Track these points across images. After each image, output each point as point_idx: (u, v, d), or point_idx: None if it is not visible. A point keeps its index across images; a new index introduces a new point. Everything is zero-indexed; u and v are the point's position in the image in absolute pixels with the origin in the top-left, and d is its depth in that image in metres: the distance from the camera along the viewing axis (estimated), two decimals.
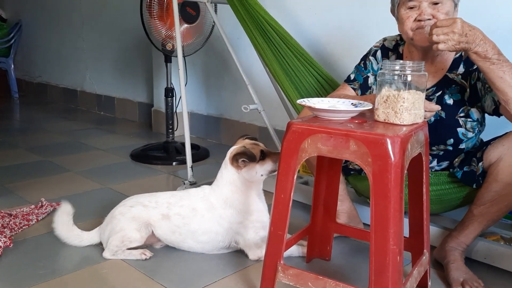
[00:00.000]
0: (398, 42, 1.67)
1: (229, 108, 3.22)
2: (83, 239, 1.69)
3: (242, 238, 1.61)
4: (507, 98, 1.34)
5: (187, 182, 2.25)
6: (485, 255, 1.57)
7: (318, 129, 1.17)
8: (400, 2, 1.50)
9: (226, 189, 1.60)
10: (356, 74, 1.70)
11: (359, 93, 1.68)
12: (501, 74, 1.31)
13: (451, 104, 1.55)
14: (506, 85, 1.32)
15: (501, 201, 1.44)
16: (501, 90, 1.34)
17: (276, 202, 1.25)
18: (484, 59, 1.31)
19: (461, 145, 1.57)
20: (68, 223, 1.68)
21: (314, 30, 2.57)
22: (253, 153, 1.55)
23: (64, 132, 3.65)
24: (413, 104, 1.18)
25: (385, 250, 1.08)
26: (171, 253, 1.66)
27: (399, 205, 1.09)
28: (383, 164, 1.08)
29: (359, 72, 1.70)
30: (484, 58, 1.31)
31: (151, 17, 2.62)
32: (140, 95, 4.06)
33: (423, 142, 1.26)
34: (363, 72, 1.69)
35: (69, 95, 4.92)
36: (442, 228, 1.68)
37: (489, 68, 1.32)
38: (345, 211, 1.75)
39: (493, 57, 1.31)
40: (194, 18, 2.72)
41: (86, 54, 4.63)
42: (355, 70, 1.72)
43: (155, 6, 2.60)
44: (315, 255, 1.62)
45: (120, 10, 4.07)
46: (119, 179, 2.49)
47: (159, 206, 1.64)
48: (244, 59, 2.77)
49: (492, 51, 1.30)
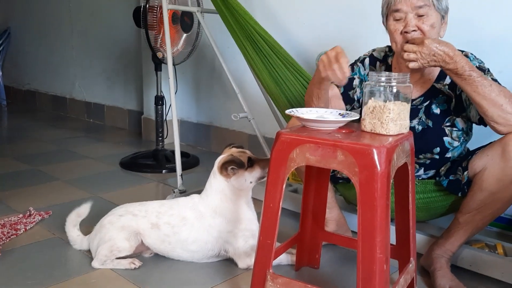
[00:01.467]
0: (387, 53, 1.70)
1: (219, 116, 3.24)
2: (76, 242, 1.72)
3: (231, 247, 1.61)
4: (483, 110, 1.39)
5: (177, 191, 2.25)
6: (471, 263, 1.59)
7: (306, 139, 1.19)
8: (387, 14, 1.53)
9: (215, 198, 1.61)
10: None
11: (341, 90, 1.69)
12: (475, 88, 1.36)
13: (438, 113, 1.59)
14: (481, 98, 1.36)
15: (486, 209, 1.47)
16: (477, 103, 1.38)
17: (265, 211, 1.26)
18: (457, 75, 1.36)
19: (447, 154, 1.60)
20: (74, 223, 1.73)
21: (303, 40, 2.60)
22: (241, 160, 1.57)
23: (52, 140, 3.63)
24: (398, 115, 1.20)
25: (372, 258, 1.10)
26: (160, 262, 1.66)
27: (385, 214, 1.11)
28: (370, 173, 1.10)
29: None
30: (457, 74, 1.36)
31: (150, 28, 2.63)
32: (130, 103, 4.05)
33: (408, 152, 1.28)
34: (350, 73, 1.71)
35: (58, 103, 4.90)
36: (428, 235, 1.70)
37: (463, 83, 1.37)
38: (334, 218, 1.77)
39: (466, 73, 1.35)
40: (190, 27, 2.73)
41: (75, 61, 4.62)
42: None
43: (153, 15, 2.61)
44: (304, 264, 1.63)
45: (110, 18, 4.08)
46: (109, 187, 2.48)
47: (149, 215, 1.64)
48: (234, 68, 2.79)
49: (465, 67, 1.34)
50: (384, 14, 1.56)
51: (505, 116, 1.37)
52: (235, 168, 1.56)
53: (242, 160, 1.57)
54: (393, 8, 1.48)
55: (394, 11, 1.49)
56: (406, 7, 1.46)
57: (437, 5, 1.47)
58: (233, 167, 1.56)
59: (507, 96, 1.37)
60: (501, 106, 1.36)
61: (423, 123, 1.60)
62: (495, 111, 1.37)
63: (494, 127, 1.41)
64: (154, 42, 2.67)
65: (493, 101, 1.36)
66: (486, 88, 1.35)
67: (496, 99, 1.35)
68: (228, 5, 2.20)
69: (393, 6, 1.48)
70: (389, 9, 1.50)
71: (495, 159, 1.43)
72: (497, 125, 1.39)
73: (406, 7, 1.46)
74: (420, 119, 1.60)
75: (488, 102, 1.36)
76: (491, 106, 1.36)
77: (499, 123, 1.38)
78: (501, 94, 1.36)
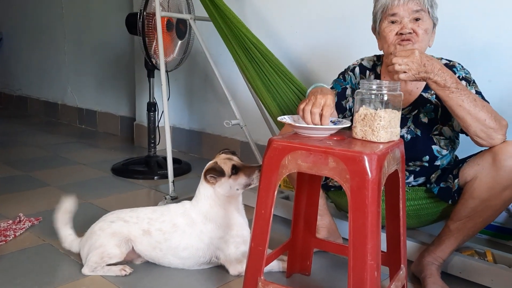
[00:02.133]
0: (375, 62, 1.72)
1: (212, 123, 3.24)
2: (66, 240, 1.70)
3: (222, 253, 1.61)
4: (467, 124, 1.40)
5: (168, 197, 2.24)
6: (461, 270, 1.61)
7: (298, 146, 1.19)
8: (382, 18, 1.55)
9: (205, 204, 1.61)
10: (335, 84, 1.74)
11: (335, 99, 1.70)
12: (460, 102, 1.37)
13: (426, 122, 1.60)
14: (465, 112, 1.38)
15: (477, 216, 1.48)
16: (461, 117, 1.40)
17: (256, 218, 1.26)
18: (443, 88, 1.37)
19: (436, 162, 1.62)
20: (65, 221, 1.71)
21: (295, 48, 2.62)
22: (222, 168, 1.57)
23: (44, 146, 3.61)
24: (389, 123, 1.21)
25: (363, 265, 1.11)
26: (151, 269, 1.66)
27: (376, 220, 1.11)
28: (361, 180, 1.10)
29: (338, 83, 1.73)
30: (443, 87, 1.37)
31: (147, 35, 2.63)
32: (122, 109, 4.04)
33: (399, 159, 1.29)
34: (342, 83, 1.73)
35: (50, 109, 4.88)
36: (419, 242, 1.71)
37: (448, 97, 1.38)
38: (325, 225, 1.77)
39: (452, 85, 1.36)
40: (184, 34, 2.74)
41: (67, 67, 4.61)
42: (334, 82, 1.76)
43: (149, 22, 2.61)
44: (295, 270, 1.63)
45: (103, 24, 4.08)
46: (100, 193, 2.47)
47: (140, 221, 1.63)
48: (227, 75, 2.80)
49: (451, 80, 1.36)
50: (378, 19, 1.57)
51: (486, 130, 1.39)
52: (215, 176, 1.57)
53: (224, 168, 1.57)
54: (390, 12, 1.50)
55: (390, 15, 1.51)
56: (403, 11, 1.48)
57: (431, 12, 1.51)
58: (212, 175, 1.57)
59: (489, 111, 1.40)
60: (484, 121, 1.38)
61: (412, 132, 1.61)
62: (478, 126, 1.39)
63: (476, 141, 1.44)
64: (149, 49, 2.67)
65: (477, 116, 1.38)
66: (471, 103, 1.37)
67: (479, 115, 1.38)
68: (221, 13, 2.21)
69: (390, 10, 1.50)
70: (385, 13, 1.52)
71: (486, 168, 1.45)
72: (479, 139, 1.42)
73: (403, 12, 1.49)
74: (409, 128, 1.62)
75: (472, 117, 1.38)
76: (475, 121, 1.39)
77: (481, 137, 1.41)
78: (484, 110, 1.38)
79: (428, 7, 1.49)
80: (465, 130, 1.44)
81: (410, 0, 1.47)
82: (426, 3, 1.49)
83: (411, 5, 1.48)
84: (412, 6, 1.48)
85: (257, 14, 2.76)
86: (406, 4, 1.48)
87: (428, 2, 1.49)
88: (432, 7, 1.50)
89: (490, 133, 1.40)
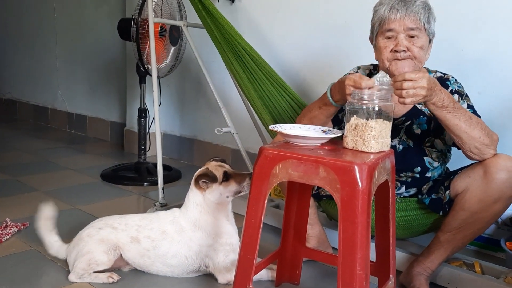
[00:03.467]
0: (371, 71, 1.73)
1: (203, 130, 3.23)
2: (52, 247, 1.68)
3: (211, 262, 1.60)
4: (462, 141, 1.43)
5: (158, 204, 2.23)
6: (449, 280, 1.61)
7: (289, 155, 1.20)
8: (378, 31, 1.55)
9: (194, 211, 1.60)
10: None
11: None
12: (457, 121, 1.39)
13: (419, 134, 1.62)
14: (462, 131, 1.41)
15: (467, 228, 1.50)
16: (457, 135, 1.42)
17: (246, 226, 1.26)
18: (441, 108, 1.38)
19: (427, 173, 1.63)
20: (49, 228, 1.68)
21: (287, 57, 2.63)
22: (214, 174, 1.57)
23: (33, 150, 3.57)
24: (380, 133, 1.22)
25: (352, 275, 1.11)
26: (139, 276, 1.64)
27: (366, 231, 1.12)
28: (351, 190, 1.11)
29: None
30: (441, 108, 1.38)
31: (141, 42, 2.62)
32: (112, 115, 4.02)
33: (389, 170, 1.30)
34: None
35: (40, 113, 4.83)
36: (408, 253, 1.72)
37: (445, 117, 1.40)
38: (315, 235, 1.77)
39: (449, 105, 1.38)
40: (177, 40, 2.73)
41: (58, 71, 4.58)
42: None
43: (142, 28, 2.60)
44: (284, 279, 1.62)
45: (95, 29, 4.07)
46: (89, 199, 2.45)
47: (129, 228, 1.62)
48: (219, 82, 2.80)
49: (448, 100, 1.37)
50: (375, 31, 1.57)
51: (480, 147, 1.42)
52: (207, 181, 1.56)
53: (216, 174, 1.57)
54: (386, 27, 1.51)
55: (386, 30, 1.51)
56: (399, 27, 1.49)
57: (428, 28, 1.50)
58: (205, 180, 1.56)
59: (483, 128, 1.42)
60: (479, 138, 1.41)
61: (404, 142, 1.62)
62: (473, 143, 1.42)
63: (469, 156, 1.47)
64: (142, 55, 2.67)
65: (472, 134, 1.41)
66: (467, 122, 1.40)
67: (474, 133, 1.41)
68: (214, 20, 2.22)
69: (386, 25, 1.51)
70: (382, 27, 1.53)
71: (477, 180, 1.46)
72: (472, 154, 1.45)
73: (398, 27, 1.49)
74: (401, 139, 1.63)
75: (467, 135, 1.41)
76: (470, 139, 1.41)
77: (474, 153, 1.44)
78: (478, 127, 1.41)
79: (424, 23, 1.49)
80: (459, 146, 1.46)
81: (407, 16, 1.47)
82: (422, 19, 1.48)
83: (407, 21, 1.47)
84: (408, 23, 1.48)
85: (250, 22, 2.77)
86: (403, 19, 1.48)
87: (424, 18, 1.49)
88: (428, 23, 1.50)
89: (483, 149, 1.43)
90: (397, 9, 1.48)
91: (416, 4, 1.48)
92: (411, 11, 1.47)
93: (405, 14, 1.47)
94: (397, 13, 1.48)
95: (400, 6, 1.48)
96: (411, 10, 1.47)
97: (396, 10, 1.48)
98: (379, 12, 1.52)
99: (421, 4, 1.49)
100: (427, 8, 1.50)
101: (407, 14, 1.47)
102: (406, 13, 1.47)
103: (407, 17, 1.47)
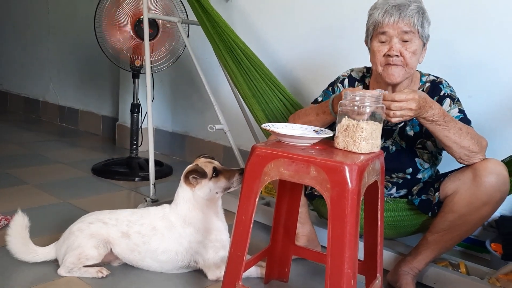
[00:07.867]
0: (365, 73, 1.74)
1: (195, 126, 3.24)
2: (37, 254, 1.64)
3: (201, 258, 1.61)
4: (452, 151, 1.48)
5: (149, 199, 2.23)
6: (435, 280, 1.64)
7: (280, 154, 1.21)
8: (373, 35, 1.56)
9: (184, 207, 1.61)
10: (323, 97, 1.75)
11: None
12: (447, 133, 1.43)
13: (412, 135, 1.64)
14: (452, 141, 1.45)
15: (455, 230, 1.52)
16: (447, 145, 1.46)
17: (237, 224, 1.27)
18: (431, 122, 1.41)
19: (418, 175, 1.65)
20: (23, 236, 1.63)
21: (281, 56, 2.64)
22: (204, 169, 1.58)
23: (23, 143, 3.55)
24: (370, 134, 1.23)
25: (340, 273, 1.12)
26: (129, 271, 1.64)
27: (355, 230, 1.13)
28: (341, 190, 1.12)
29: (326, 96, 1.75)
30: (431, 122, 1.41)
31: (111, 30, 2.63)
32: (105, 109, 4.01)
33: (379, 171, 1.32)
34: (330, 96, 1.75)
35: (31, 105, 4.80)
36: (396, 253, 1.74)
37: (435, 129, 1.43)
38: (305, 234, 1.79)
39: (439, 119, 1.41)
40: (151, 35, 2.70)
41: (50, 63, 4.55)
42: (322, 94, 1.77)
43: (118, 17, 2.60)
44: (273, 277, 1.64)
45: (88, 22, 4.03)
46: (79, 194, 2.44)
47: (119, 223, 1.62)
48: (212, 79, 2.81)
49: (438, 114, 1.40)
50: (369, 34, 1.58)
51: (469, 154, 1.47)
52: (197, 177, 1.57)
53: (206, 170, 1.58)
54: (380, 30, 1.51)
55: (380, 33, 1.52)
56: (393, 30, 1.49)
57: (421, 32, 1.51)
58: (195, 176, 1.57)
59: (473, 137, 1.46)
60: (468, 147, 1.45)
61: (397, 144, 1.64)
62: (462, 152, 1.46)
63: (458, 161, 1.51)
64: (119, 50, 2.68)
65: (462, 144, 1.45)
66: (457, 133, 1.43)
67: (463, 142, 1.44)
68: (209, 17, 2.22)
69: (380, 28, 1.51)
70: (376, 31, 1.53)
71: (466, 183, 1.49)
72: (461, 160, 1.50)
73: (392, 31, 1.49)
74: (394, 140, 1.65)
75: (457, 145, 1.45)
76: (459, 148, 1.45)
77: (463, 159, 1.49)
78: (468, 137, 1.45)
79: (418, 27, 1.49)
80: (450, 154, 1.50)
81: (400, 20, 1.48)
82: (416, 23, 1.48)
83: (401, 24, 1.48)
84: (402, 26, 1.48)
85: (245, 20, 2.77)
86: (396, 23, 1.48)
87: (418, 22, 1.49)
88: (422, 27, 1.50)
89: (472, 156, 1.47)
90: (391, 13, 1.48)
91: (410, 9, 1.48)
92: (404, 15, 1.47)
93: (398, 19, 1.48)
94: (390, 17, 1.48)
95: (394, 11, 1.48)
96: (405, 15, 1.47)
97: (390, 15, 1.49)
98: (374, 16, 1.53)
99: (415, 9, 1.48)
100: (421, 12, 1.50)
101: (401, 18, 1.47)
102: (399, 18, 1.48)
103: (401, 21, 1.48)
